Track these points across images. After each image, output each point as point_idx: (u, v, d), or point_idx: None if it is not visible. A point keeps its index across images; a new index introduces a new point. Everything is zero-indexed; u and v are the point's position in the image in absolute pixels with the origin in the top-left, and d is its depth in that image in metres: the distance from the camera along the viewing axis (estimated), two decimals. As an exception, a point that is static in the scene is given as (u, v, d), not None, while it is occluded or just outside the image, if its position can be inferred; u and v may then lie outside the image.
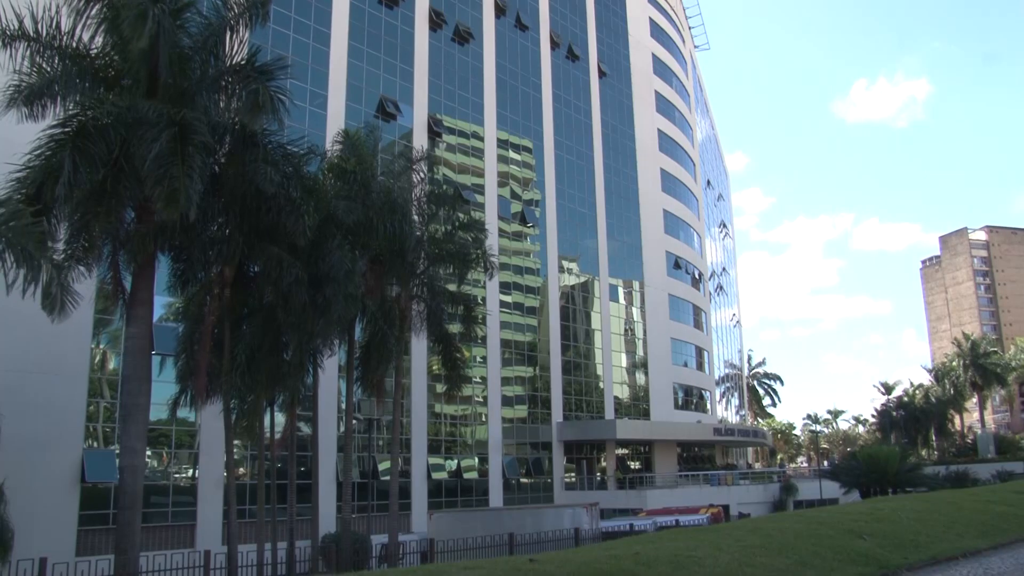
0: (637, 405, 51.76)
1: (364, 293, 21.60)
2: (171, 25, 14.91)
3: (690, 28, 74.59)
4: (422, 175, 24.47)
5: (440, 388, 32.94)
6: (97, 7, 15.42)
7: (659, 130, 59.04)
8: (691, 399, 58.44)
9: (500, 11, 46.04)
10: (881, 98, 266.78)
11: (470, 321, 24.59)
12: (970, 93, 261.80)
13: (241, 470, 29.38)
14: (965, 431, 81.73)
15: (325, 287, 18.42)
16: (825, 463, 73.40)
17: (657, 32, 62.06)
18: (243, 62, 16.69)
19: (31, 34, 15.26)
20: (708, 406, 62.06)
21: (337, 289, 18.41)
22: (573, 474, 45.42)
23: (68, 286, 13.52)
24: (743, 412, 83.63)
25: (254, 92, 15.61)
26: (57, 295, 13.05)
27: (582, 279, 49.99)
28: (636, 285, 53.97)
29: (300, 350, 19.38)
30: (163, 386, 22.20)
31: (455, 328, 25.14)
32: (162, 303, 25.26)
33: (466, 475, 38.78)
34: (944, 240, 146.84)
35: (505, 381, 41.84)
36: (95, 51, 15.99)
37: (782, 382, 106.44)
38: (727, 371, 77.29)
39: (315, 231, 18.08)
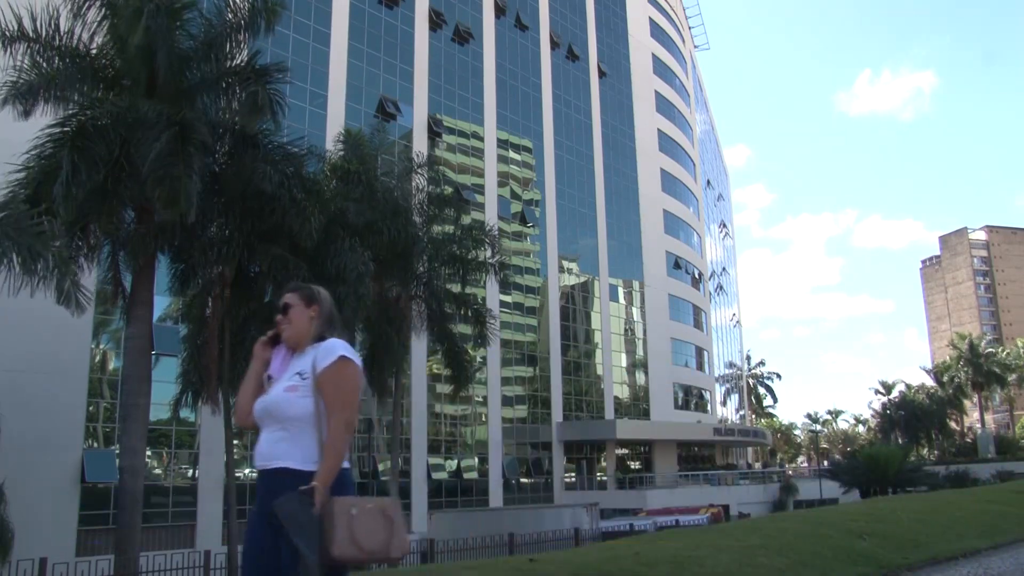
0: (637, 405, 51.76)
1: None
2: (167, 24, 14.88)
3: (690, 28, 74.61)
4: (424, 177, 24.47)
5: (440, 388, 32.93)
6: (95, 7, 15.40)
7: (659, 130, 59.06)
8: (691, 399, 58.44)
9: (500, 11, 46.04)
10: (885, 91, 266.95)
11: (482, 326, 24.53)
12: (972, 91, 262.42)
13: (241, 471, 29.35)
14: (965, 431, 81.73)
15: (336, 288, 18.43)
16: (825, 463, 73.39)
17: (657, 32, 62.08)
18: (243, 64, 16.67)
19: (30, 35, 15.23)
20: (708, 406, 62.08)
21: (349, 290, 18.45)
22: (573, 474, 45.42)
23: (79, 282, 13.49)
24: (743, 412, 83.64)
25: (253, 94, 15.60)
26: (71, 292, 13.03)
27: (582, 279, 50.00)
28: (636, 285, 53.98)
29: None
30: (163, 386, 22.18)
31: (463, 329, 25.10)
32: (162, 303, 25.25)
33: (466, 475, 38.78)
34: (944, 240, 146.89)
35: (505, 381, 41.84)
36: (95, 51, 15.97)
37: (780, 377, 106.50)
38: (727, 371, 77.33)
39: (320, 232, 18.09)
